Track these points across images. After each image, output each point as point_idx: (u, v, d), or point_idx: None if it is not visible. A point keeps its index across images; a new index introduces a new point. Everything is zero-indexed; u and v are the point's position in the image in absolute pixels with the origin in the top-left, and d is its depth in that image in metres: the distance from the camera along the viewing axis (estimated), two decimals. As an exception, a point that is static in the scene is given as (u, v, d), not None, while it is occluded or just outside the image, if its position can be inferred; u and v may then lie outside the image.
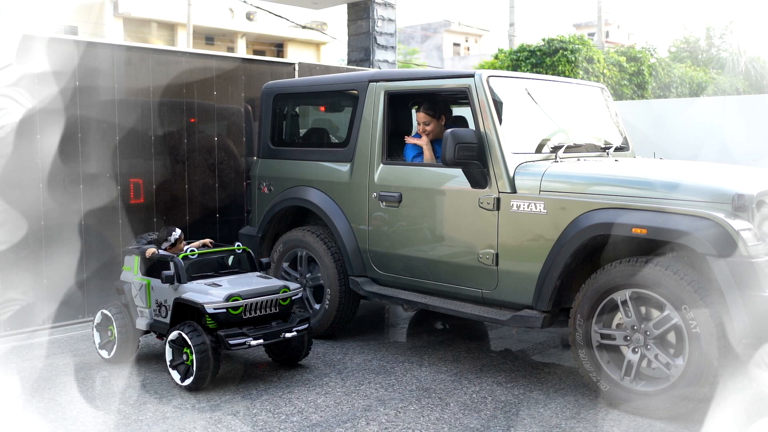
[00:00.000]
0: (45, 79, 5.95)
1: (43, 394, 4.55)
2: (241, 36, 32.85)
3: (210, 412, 4.22)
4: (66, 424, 4.06)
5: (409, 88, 5.36)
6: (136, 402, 4.40)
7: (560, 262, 4.33)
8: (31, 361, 5.22)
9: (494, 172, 4.63)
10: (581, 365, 4.34)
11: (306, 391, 4.58)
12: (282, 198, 5.97)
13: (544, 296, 4.44)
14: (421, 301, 5.08)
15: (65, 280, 6.14)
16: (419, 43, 50.43)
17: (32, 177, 5.93)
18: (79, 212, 6.19)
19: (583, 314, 4.28)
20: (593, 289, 4.24)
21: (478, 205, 4.70)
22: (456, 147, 4.50)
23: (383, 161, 5.34)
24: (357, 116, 5.53)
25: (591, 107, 5.65)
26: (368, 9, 9.45)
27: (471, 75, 4.86)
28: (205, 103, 7.09)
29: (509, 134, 4.71)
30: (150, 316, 4.98)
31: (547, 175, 4.49)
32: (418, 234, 5.10)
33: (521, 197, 4.53)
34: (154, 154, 6.69)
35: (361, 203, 5.44)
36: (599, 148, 5.24)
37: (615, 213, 4.15)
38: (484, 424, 4.07)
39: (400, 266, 5.25)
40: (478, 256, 4.73)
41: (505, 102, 4.84)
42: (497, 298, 4.72)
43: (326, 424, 4.07)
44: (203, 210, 7.09)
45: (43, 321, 6.04)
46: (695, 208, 3.92)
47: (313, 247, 5.67)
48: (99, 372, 4.97)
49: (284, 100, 6.27)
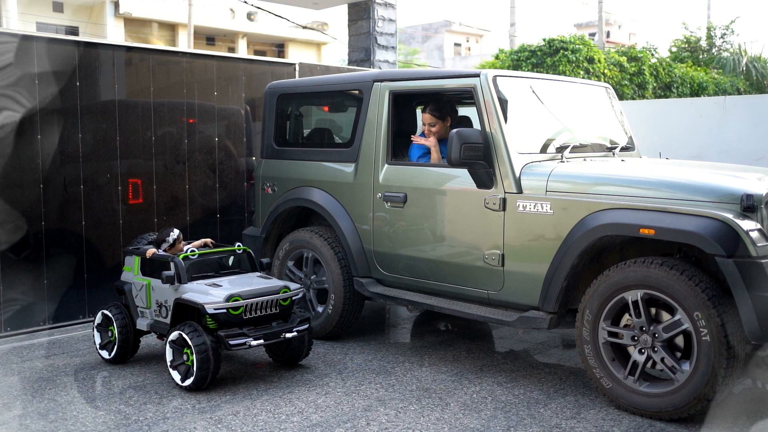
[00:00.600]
0: (45, 79, 5.95)
1: (44, 394, 4.55)
2: (242, 36, 32.84)
3: (210, 413, 4.22)
4: (66, 425, 4.06)
5: (414, 88, 5.33)
6: (137, 402, 4.39)
7: (567, 263, 4.31)
8: (31, 361, 5.23)
9: (500, 172, 4.60)
10: (585, 361, 4.31)
11: (306, 392, 4.58)
12: (286, 198, 5.93)
13: (550, 297, 4.41)
14: (426, 302, 5.05)
15: (66, 280, 6.15)
16: (420, 43, 50.41)
17: (32, 177, 5.93)
18: (80, 212, 6.19)
19: (592, 311, 4.25)
20: (605, 286, 4.19)
21: (484, 205, 4.68)
22: (462, 147, 4.48)
23: (388, 161, 5.31)
24: (361, 116, 5.50)
25: (596, 107, 5.62)
26: (369, 9, 9.45)
27: (477, 75, 4.82)
28: (206, 104, 7.09)
29: (515, 134, 4.68)
30: (150, 317, 4.98)
31: (553, 176, 4.46)
32: (423, 234, 5.07)
33: (527, 197, 4.50)
34: (155, 155, 6.69)
35: (365, 204, 5.40)
36: (605, 148, 5.21)
37: (622, 213, 4.12)
38: (484, 424, 4.06)
39: (405, 267, 5.23)
40: (483, 256, 4.70)
41: (511, 102, 4.80)
42: (503, 299, 4.69)
43: (326, 424, 4.07)
44: (203, 210, 7.09)
45: (43, 321, 6.04)
46: (703, 208, 3.89)
47: (317, 248, 5.63)
48: (99, 372, 4.97)
49: (288, 100, 6.23)
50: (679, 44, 19.48)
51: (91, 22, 27.45)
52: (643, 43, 20.45)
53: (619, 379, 4.20)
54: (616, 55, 14.72)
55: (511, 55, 14.53)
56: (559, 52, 13.53)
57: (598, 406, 4.31)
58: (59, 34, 23.60)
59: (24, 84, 5.83)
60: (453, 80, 5.13)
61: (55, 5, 27.45)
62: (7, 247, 5.81)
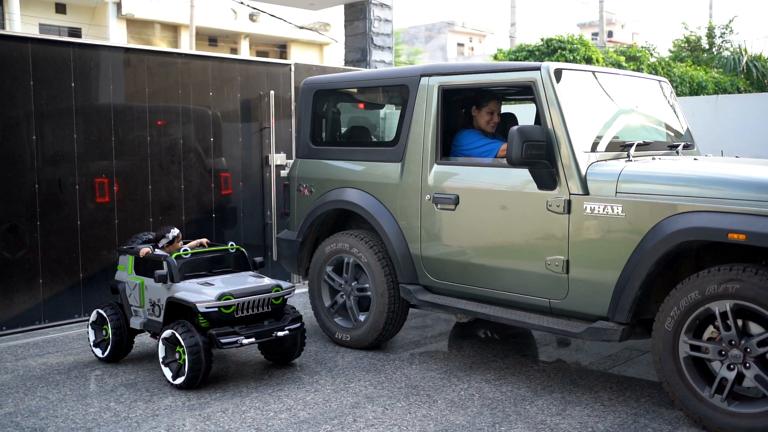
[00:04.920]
0: (42, 81, 6.01)
1: (36, 392, 4.60)
2: (244, 37, 32.92)
3: (200, 409, 4.27)
4: (56, 422, 4.11)
5: (466, 82, 4.98)
6: (127, 399, 4.44)
7: (642, 270, 3.97)
8: (25, 359, 5.28)
9: (564, 172, 4.30)
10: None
11: (296, 389, 4.62)
12: (324, 201, 5.60)
13: (622, 307, 4.07)
14: (481, 311, 4.72)
15: (61, 279, 6.21)
16: (423, 43, 50.48)
17: (28, 177, 5.99)
18: (75, 212, 6.25)
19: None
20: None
21: (546, 208, 4.36)
22: (524, 145, 4.19)
23: (437, 161, 4.99)
24: (407, 113, 5.18)
25: (655, 102, 5.30)
26: (365, 10, 9.50)
27: (537, 68, 4.50)
28: (201, 105, 7.13)
29: (578, 131, 4.38)
30: (144, 316, 5.01)
31: (624, 175, 4.15)
32: (478, 239, 4.76)
33: (595, 199, 4.19)
34: (150, 155, 6.74)
35: (412, 206, 5.09)
36: (666, 146, 4.93)
37: (707, 216, 3.78)
38: (469, 420, 4.10)
39: (457, 273, 4.90)
40: (545, 262, 4.39)
41: (573, 96, 4.50)
42: (567, 308, 4.38)
43: (313, 420, 4.11)
44: (199, 210, 7.14)
45: (38, 320, 6.10)
46: None
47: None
48: (92, 371, 5.01)
49: (326, 96, 5.90)
50: (679, 44, 19.48)
51: (93, 24, 27.55)
52: (649, 42, 20.44)
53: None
54: (615, 54, 14.74)
55: (509, 55, 14.57)
56: (557, 52, 13.56)
57: (584, 402, 4.35)
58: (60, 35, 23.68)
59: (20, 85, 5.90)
60: (510, 74, 4.75)
61: (57, 7, 27.56)
62: (3, 246, 5.87)
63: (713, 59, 18.62)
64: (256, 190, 7.66)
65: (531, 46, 14.14)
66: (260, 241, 7.73)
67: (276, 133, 7.70)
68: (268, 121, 7.64)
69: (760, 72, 17.86)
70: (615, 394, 4.51)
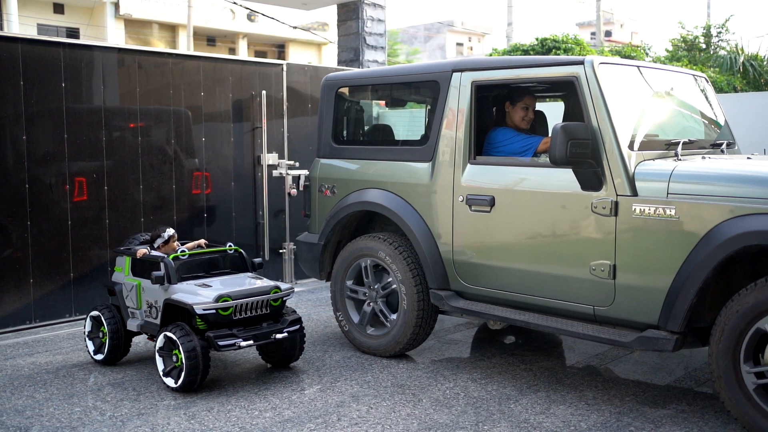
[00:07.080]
0: (32, 81, 6.03)
1: (23, 391, 4.61)
2: (242, 37, 32.96)
3: (185, 408, 4.28)
4: (42, 421, 4.12)
5: (502, 78, 4.74)
6: (113, 399, 4.45)
7: (699, 276, 3.73)
8: (14, 359, 5.29)
9: (610, 171, 4.08)
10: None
11: (282, 388, 4.63)
12: (348, 202, 5.38)
13: (676, 315, 3.83)
14: (520, 318, 4.50)
15: (51, 278, 6.22)
16: (422, 43, 50.52)
17: (18, 177, 6.01)
18: (65, 211, 6.26)
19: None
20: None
21: (591, 209, 4.15)
22: (569, 144, 3.98)
23: (470, 160, 4.75)
24: (438, 110, 4.94)
25: (696, 98, 5.11)
26: (357, 10, 9.52)
27: (580, 62, 4.27)
28: (193, 105, 7.15)
29: (624, 129, 4.16)
30: (141, 317, 4.94)
31: (676, 175, 3.92)
32: (515, 243, 4.53)
33: (645, 201, 3.95)
34: (141, 155, 6.75)
35: (444, 208, 4.86)
36: (708, 144, 4.73)
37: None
38: (453, 419, 4.11)
39: (492, 279, 4.67)
40: (590, 268, 4.16)
41: (618, 92, 4.29)
42: (613, 316, 4.13)
43: (298, 419, 4.13)
44: (190, 210, 7.16)
45: (29, 319, 6.11)
46: None
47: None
48: (80, 370, 5.03)
49: (349, 93, 5.70)
50: (676, 43, 19.50)
51: (91, 24, 27.57)
52: (645, 41, 20.46)
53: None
54: (610, 54, 14.75)
55: (504, 54, 14.59)
56: (552, 52, 13.58)
57: (569, 401, 4.36)
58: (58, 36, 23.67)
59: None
60: (550, 68, 4.49)
61: (55, 7, 27.59)
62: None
63: (710, 58, 18.62)
64: (248, 190, 7.68)
65: (525, 46, 14.17)
66: (253, 241, 7.74)
67: (268, 133, 7.71)
68: (260, 121, 7.66)
69: (757, 71, 17.87)
70: (600, 392, 4.52)
